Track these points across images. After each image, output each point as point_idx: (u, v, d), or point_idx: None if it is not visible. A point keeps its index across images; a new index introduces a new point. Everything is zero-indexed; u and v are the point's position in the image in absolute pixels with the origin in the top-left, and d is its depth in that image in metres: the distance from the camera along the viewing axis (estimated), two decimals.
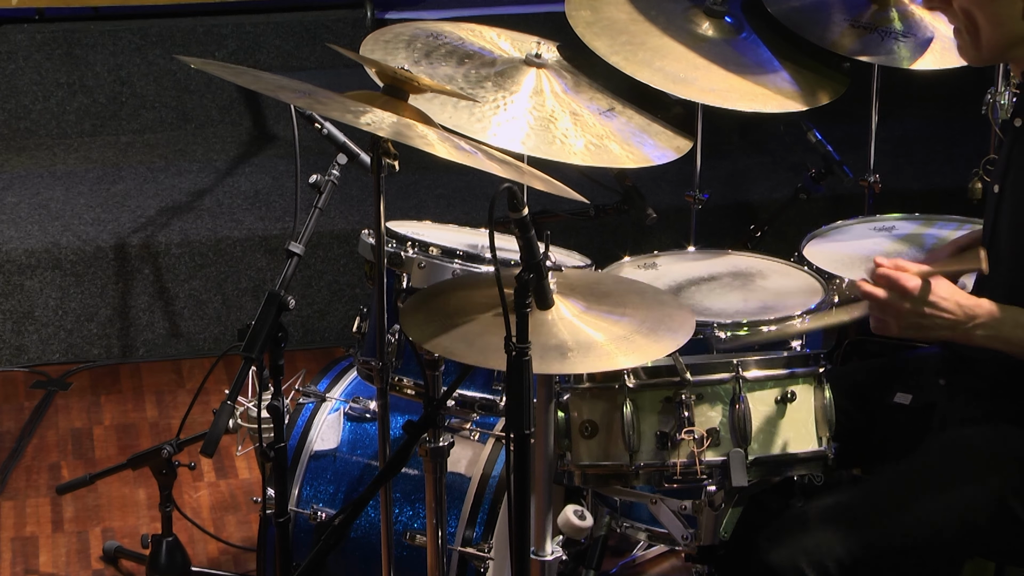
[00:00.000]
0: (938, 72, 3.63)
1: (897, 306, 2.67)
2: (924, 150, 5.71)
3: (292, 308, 2.86)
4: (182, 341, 5.12)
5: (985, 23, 2.74)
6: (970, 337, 2.68)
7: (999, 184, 2.83)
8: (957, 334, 2.68)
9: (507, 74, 3.24)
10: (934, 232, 3.65)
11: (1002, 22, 2.72)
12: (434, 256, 3.17)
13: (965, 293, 2.69)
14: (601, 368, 2.70)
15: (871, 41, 3.64)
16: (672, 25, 3.52)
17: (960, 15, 2.77)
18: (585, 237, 4.90)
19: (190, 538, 3.96)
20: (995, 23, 2.73)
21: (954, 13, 2.78)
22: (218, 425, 2.78)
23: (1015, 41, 2.74)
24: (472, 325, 2.70)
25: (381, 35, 3.32)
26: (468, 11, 5.88)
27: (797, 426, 2.79)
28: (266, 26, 5.94)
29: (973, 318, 2.67)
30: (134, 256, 5.03)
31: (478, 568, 3.25)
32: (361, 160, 3.12)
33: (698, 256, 3.58)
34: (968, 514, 2.74)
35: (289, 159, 5.61)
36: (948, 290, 2.67)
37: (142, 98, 5.83)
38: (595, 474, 2.81)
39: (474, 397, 3.19)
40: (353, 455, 3.44)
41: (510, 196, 2.49)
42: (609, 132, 3.19)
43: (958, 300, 2.67)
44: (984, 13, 2.73)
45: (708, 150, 3.87)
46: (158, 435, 4.57)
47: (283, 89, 2.73)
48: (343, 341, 5.07)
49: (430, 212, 5.00)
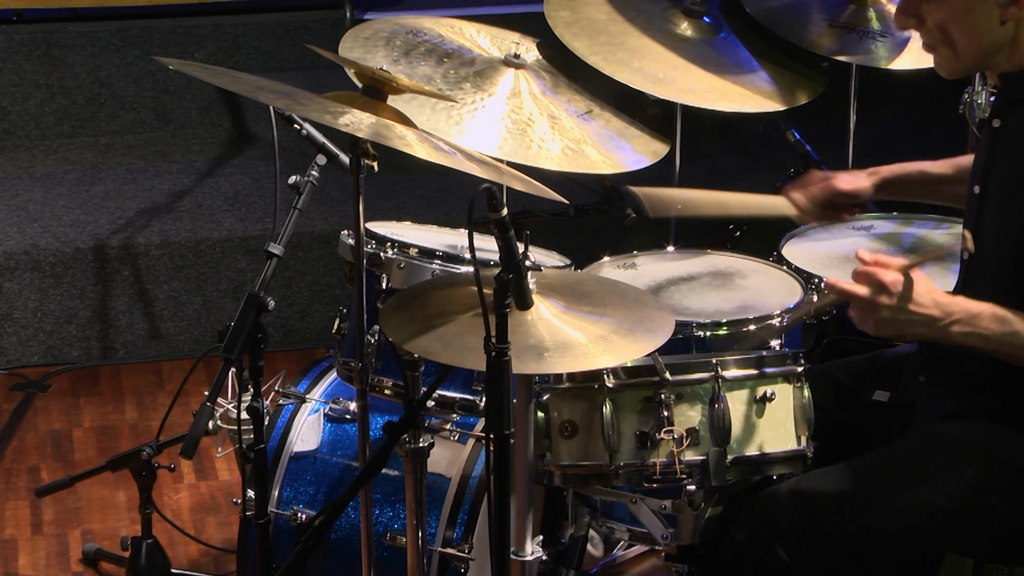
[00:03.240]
0: (915, 71, 3.65)
1: (875, 302, 2.68)
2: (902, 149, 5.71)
3: (272, 309, 2.85)
4: (162, 342, 5.11)
5: (962, 36, 2.74)
6: (947, 334, 2.69)
7: (979, 185, 2.84)
8: (934, 331, 2.69)
9: (486, 75, 3.24)
10: (912, 231, 3.66)
11: (980, 33, 2.73)
12: (414, 257, 3.17)
13: (942, 291, 2.70)
14: (577, 368, 2.70)
15: (849, 41, 3.65)
16: (651, 25, 3.53)
17: (935, 31, 2.77)
18: (565, 237, 4.89)
19: (170, 540, 3.95)
20: (972, 35, 2.73)
21: (928, 31, 2.78)
22: (198, 427, 2.77)
23: (993, 49, 2.75)
24: (452, 326, 2.70)
25: (360, 32, 3.32)
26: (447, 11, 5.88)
27: (776, 425, 2.80)
28: (245, 27, 5.93)
29: (950, 315, 2.67)
30: (114, 258, 5.02)
31: (458, 569, 3.25)
32: (340, 161, 3.12)
33: (677, 256, 3.58)
34: (944, 504, 2.75)
35: (269, 160, 5.60)
36: (926, 286, 2.67)
37: (121, 99, 5.82)
38: (575, 474, 2.81)
39: (454, 398, 3.19)
40: (333, 456, 3.44)
41: (489, 197, 2.49)
42: (586, 136, 3.19)
43: (935, 297, 2.68)
44: (961, 26, 2.73)
45: (687, 150, 3.88)
46: (138, 437, 4.56)
47: (262, 90, 2.73)
48: (323, 342, 5.07)
49: (410, 213, 5.01)
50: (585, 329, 2.70)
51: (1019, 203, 2.71)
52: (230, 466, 4.38)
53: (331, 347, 3.38)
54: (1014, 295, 2.70)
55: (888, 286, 2.66)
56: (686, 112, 3.60)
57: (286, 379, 3.66)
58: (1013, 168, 2.76)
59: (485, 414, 2.87)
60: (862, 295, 2.69)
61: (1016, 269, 2.75)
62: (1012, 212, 2.73)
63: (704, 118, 3.55)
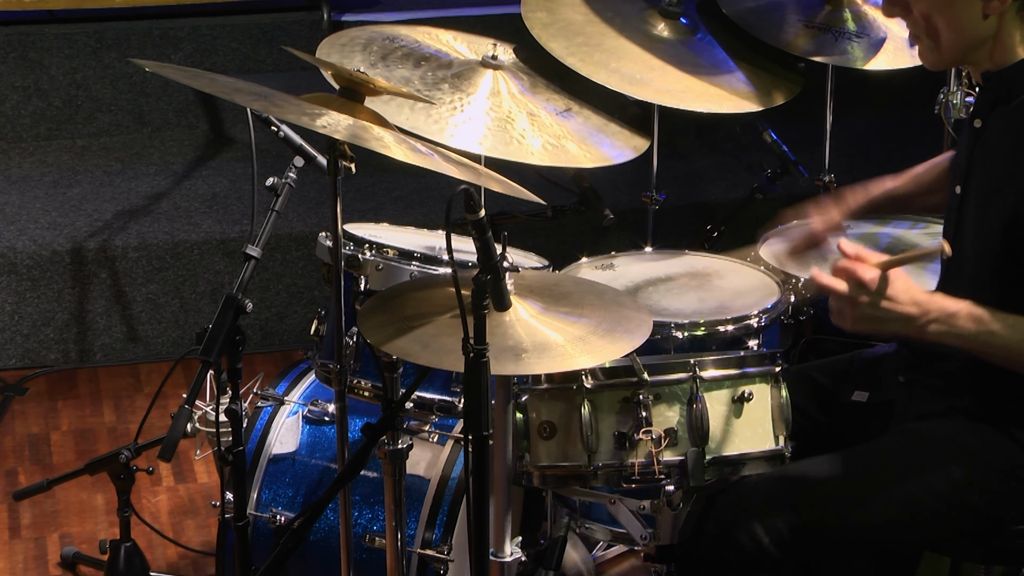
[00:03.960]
0: (891, 72, 3.66)
1: (853, 298, 2.68)
2: (878, 149, 5.75)
3: (249, 311, 2.85)
4: (140, 345, 5.10)
5: (945, 27, 2.75)
6: (923, 332, 2.69)
7: (960, 185, 2.85)
8: (911, 329, 2.70)
9: (464, 76, 3.24)
10: (889, 231, 3.67)
11: (962, 25, 2.74)
12: (391, 258, 3.17)
13: (920, 288, 2.70)
14: (556, 369, 2.70)
15: (825, 41, 3.66)
16: (628, 26, 3.53)
17: (920, 21, 2.78)
18: (543, 238, 4.91)
19: (149, 543, 3.95)
20: (955, 27, 2.75)
21: (914, 20, 2.79)
22: (176, 429, 2.77)
23: (975, 44, 2.76)
24: (430, 327, 2.70)
25: (337, 39, 3.31)
26: (424, 13, 5.89)
27: (754, 425, 2.81)
28: (222, 29, 5.92)
29: (927, 313, 2.68)
30: (91, 260, 5.01)
31: (438, 570, 3.25)
32: (318, 163, 3.12)
33: (655, 256, 3.59)
34: (927, 500, 2.76)
35: (246, 162, 5.60)
36: (904, 284, 2.68)
37: (98, 101, 5.81)
38: (554, 475, 2.82)
39: (432, 399, 3.19)
40: (312, 458, 3.44)
41: (467, 198, 2.50)
42: (566, 132, 3.19)
43: (913, 295, 2.68)
44: (944, 17, 2.74)
45: (665, 151, 3.88)
46: (116, 440, 4.55)
47: (239, 92, 2.72)
48: (301, 344, 5.06)
49: (388, 214, 5.00)
50: (563, 330, 2.71)
51: (999, 203, 2.72)
52: (208, 469, 4.37)
53: (309, 349, 3.38)
54: (992, 295, 2.71)
55: (866, 283, 2.67)
56: (663, 113, 3.60)
57: (264, 381, 3.65)
58: (993, 168, 2.77)
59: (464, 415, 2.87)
60: (840, 290, 2.69)
61: (995, 269, 2.76)
62: (992, 212, 2.74)
63: (681, 119, 3.55)
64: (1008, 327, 2.65)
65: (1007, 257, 2.72)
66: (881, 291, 2.66)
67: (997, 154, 2.77)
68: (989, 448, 2.78)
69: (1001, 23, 2.72)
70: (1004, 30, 2.73)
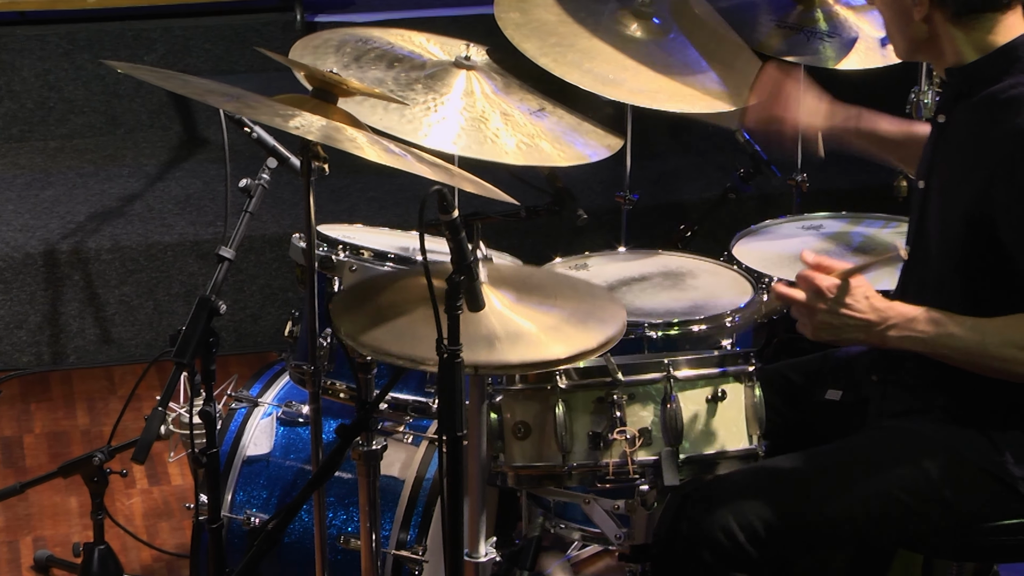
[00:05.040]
0: (863, 71, 3.68)
1: (812, 306, 2.70)
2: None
3: (223, 313, 2.85)
4: (113, 347, 5.08)
5: (888, 23, 2.83)
6: (884, 339, 2.71)
7: (924, 181, 2.87)
8: (871, 336, 2.71)
9: (437, 76, 3.24)
10: (861, 230, 3.69)
11: (897, 24, 2.79)
12: (366, 259, 3.17)
13: (879, 296, 2.72)
14: (528, 357, 2.70)
15: (797, 41, 3.68)
16: (601, 27, 3.54)
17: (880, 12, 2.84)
18: (516, 239, 4.91)
19: (123, 546, 3.94)
20: (895, 24, 2.80)
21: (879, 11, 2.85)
22: (150, 431, 2.76)
23: (914, 43, 2.80)
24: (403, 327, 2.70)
25: (310, 41, 3.31)
26: (397, 13, 5.88)
27: (728, 424, 2.81)
28: (195, 30, 5.91)
29: (886, 320, 2.70)
30: (64, 262, 5.00)
31: (412, 571, 3.25)
32: (291, 164, 3.11)
33: (629, 256, 3.60)
34: (901, 496, 2.77)
35: (219, 163, 5.59)
36: (862, 291, 2.70)
37: (71, 103, 5.79)
38: (528, 475, 2.82)
39: (407, 400, 3.19)
40: (286, 460, 3.43)
41: (440, 199, 2.50)
42: (540, 131, 3.20)
43: (872, 302, 2.70)
44: (888, 13, 2.82)
45: (638, 151, 3.89)
46: (90, 442, 4.54)
47: (212, 93, 2.72)
48: (276, 345, 5.05)
49: (362, 215, 5.00)
50: (536, 319, 2.71)
51: (962, 198, 2.74)
52: (183, 471, 4.36)
53: (283, 350, 3.37)
54: (956, 288, 2.72)
55: (824, 291, 2.69)
56: (636, 113, 3.61)
57: (238, 383, 3.65)
58: (955, 164, 2.79)
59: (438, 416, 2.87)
60: (800, 300, 2.71)
61: (959, 263, 2.77)
62: (955, 207, 2.76)
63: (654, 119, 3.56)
64: (967, 329, 2.67)
65: (970, 251, 2.74)
66: (839, 299, 2.68)
67: (959, 149, 2.79)
68: (963, 446, 2.79)
69: (935, 28, 2.74)
70: (942, 34, 2.75)
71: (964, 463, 2.79)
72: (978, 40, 2.74)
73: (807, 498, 2.78)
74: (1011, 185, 2.65)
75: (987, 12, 2.72)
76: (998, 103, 2.71)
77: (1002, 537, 2.80)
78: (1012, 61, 2.73)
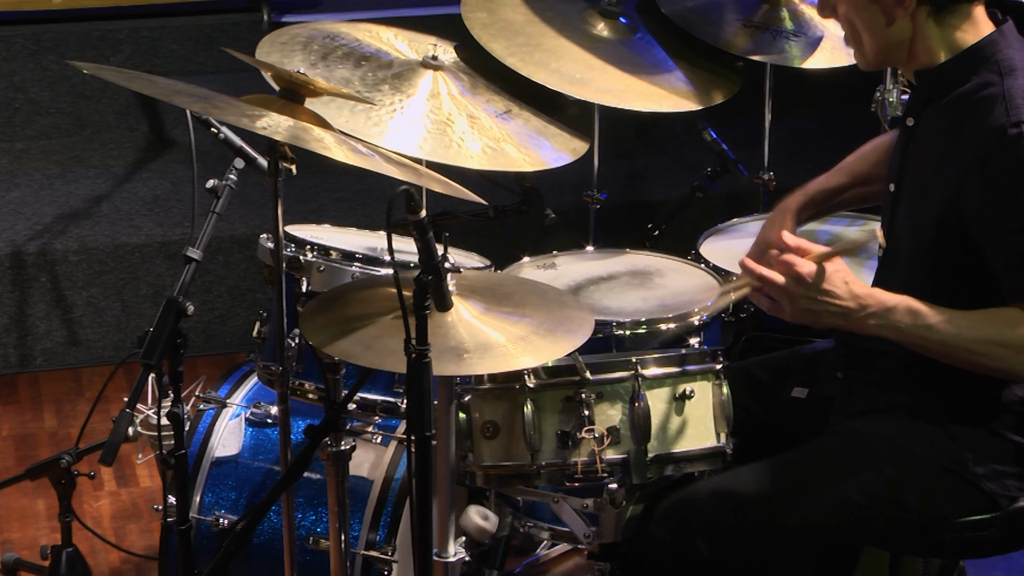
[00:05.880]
0: (829, 70, 3.69)
1: (791, 291, 2.70)
2: (817, 147, 5.78)
3: (191, 314, 2.84)
4: (81, 349, 5.06)
5: (863, 30, 2.80)
6: (862, 325, 2.72)
7: (894, 183, 2.88)
8: (849, 322, 2.72)
9: (404, 76, 3.24)
10: (827, 228, 3.70)
11: (875, 29, 2.78)
12: (333, 259, 3.16)
13: (860, 282, 2.73)
14: (498, 369, 2.71)
15: (763, 40, 3.69)
16: (568, 26, 3.54)
17: (845, 23, 2.82)
18: (485, 238, 4.90)
19: (91, 548, 3.92)
20: (871, 30, 2.79)
21: (842, 22, 2.84)
22: (117, 433, 2.76)
23: (893, 46, 2.79)
24: (372, 328, 2.70)
25: (277, 37, 3.30)
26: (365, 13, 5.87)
27: (696, 422, 2.82)
28: (162, 30, 5.88)
29: (865, 307, 2.70)
30: (31, 264, 4.97)
31: (382, 571, 3.25)
32: (259, 164, 3.10)
33: (597, 256, 3.60)
34: (862, 500, 2.78)
35: (187, 164, 5.57)
36: (842, 277, 2.70)
37: (37, 104, 5.76)
38: (497, 474, 2.82)
39: (375, 400, 3.19)
40: (255, 461, 3.43)
41: (408, 199, 2.50)
42: (506, 135, 3.20)
43: (851, 288, 2.70)
44: (861, 20, 2.79)
45: (606, 150, 3.90)
46: (57, 445, 4.52)
47: (178, 94, 2.71)
48: (244, 346, 5.04)
49: (329, 215, 4.99)
50: (505, 330, 2.71)
51: (931, 200, 2.75)
52: (151, 472, 4.35)
53: (252, 351, 3.37)
54: (927, 290, 2.73)
55: (804, 276, 2.69)
56: (604, 112, 3.62)
57: (207, 384, 3.64)
58: (925, 166, 2.80)
59: (406, 416, 2.87)
60: (779, 283, 2.71)
61: (930, 265, 2.78)
62: (925, 209, 2.77)
63: (622, 118, 3.56)
64: (944, 321, 2.67)
65: (941, 253, 2.75)
66: (818, 284, 2.69)
67: (929, 152, 2.80)
68: (926, 445, 2.80)
69: (916, 26, 2.75)
70: (921, 33, 2.76)
71: (926, 464, 2.80)
72: (951, 39, 2.75)
73: (772, 506, 2.79)
74: (982, 185, 2.66)
75: (963, 2, 2.73)
76: (967, 104, 2.73)
77: (966, 534, 2.81)
78: (980, 61, 2.74)
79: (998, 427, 2.80)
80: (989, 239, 2.68)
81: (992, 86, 2.70)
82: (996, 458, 2.79)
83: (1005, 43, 2.75)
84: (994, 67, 2.72)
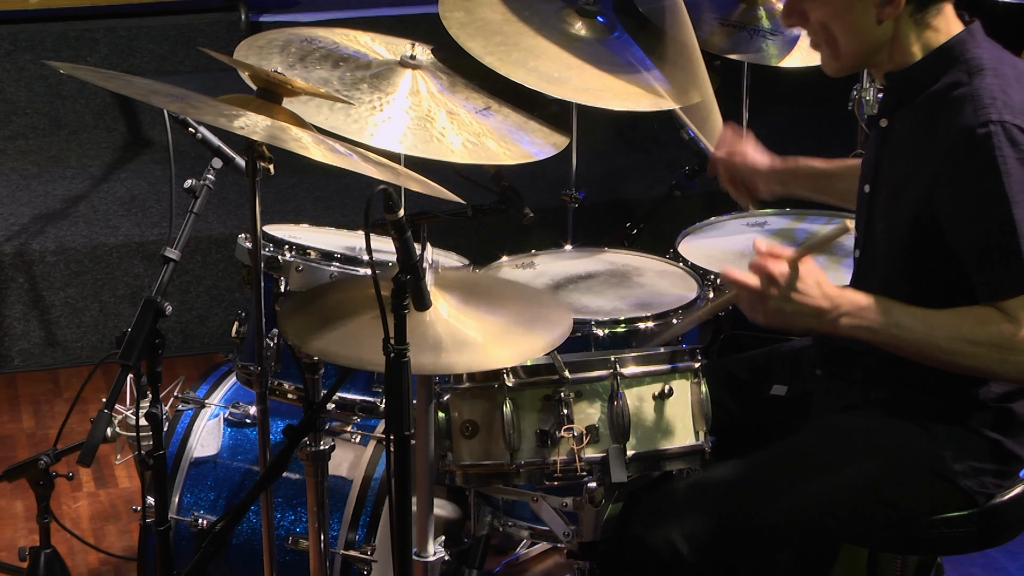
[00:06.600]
0: (805, 69, 3.70)
1: (764, 292, 2.71)
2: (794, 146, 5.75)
3: (169, 314, 2.83)
4: (59, 350, 5.05)
5: (842, 34, 2.79)
6: (835, 326, 2.72)
7: (869, 184, 2.88)
8: (823, 323, 2.72)
9: (383, 76, 3.24)
10: (805, 227, 3.71)
11: (859, 31, 2.78)
12: (312, 259, 3.16)
13: (832, 283, 2.73)
14: (475, 366, 2.71)
15: (740, 39, 3.70)
16: (545, 25, 3.54)
17: (818, 29, 2.82)
18: (463, 238, 4.91)
19: (69, 549, 3.91)
20: (852, 33, 2.78)
21: (813, 28, 2.83)
22: (95, 434, 2.75)
23: (873, 48, 2.80)
24: (350, 327, 2.70)
25: (255, 41, 3.30)
26: (342, 13, 5.87)
27: (675, 421, 2.83)
28: (139, 30, 5.88)
29: (837, 306, 2.71)
30: (8, 264, 4.96)
31: (361, 571, 3.25)
32: (236, 164, 3.10)
33: (575, 255, 3.60)
34: (840, 497, 2.79)
35: (164, 164, 5.56)
36: (815, 279, 2.71)
37: (13, 104, 5.74)
38: (476, 474, 2.82)
39: (354, 400, 3.19)
40: (234, 461, 3.42)
41: (386, 198, 2.50)
42: (486, 130, 3.20)
43: (824, 289, 2.71)
44: (841, 24, 2.78)
45: (584, 149, 3.90)
46: (36, 446, 4.51)
47: (155, 94, 2.71)
48: (223, 346, 5.04)
49: (308, 215, 4.99)
50: (483, 327, 2.71)
51: (906, 201, 2.76)
52: (130, 473, 4.34)
53: (230, 351, 3.36)
54: (903, 291, 2.74)
55: (776, 277, 2.69)
56: (582, 111, 3.62)
57: (185, 384, 3.63)
58: (899, 167, 2.81)
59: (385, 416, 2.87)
60: (752, 286, 2.72)
61: (905, 266, 2.79)
62: (899, 210, 2.78)
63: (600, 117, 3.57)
64: (917, 320, 2.68)
65: (916, 253, 2.76)
66: (791, 285, 2.69)
67: (902, 153, 2.81)
68: (904, 442, 2.81)
69: (897, 27, 2.76)
70: (900, 33, 2.76)
71: (904, 461, 2.81)
72: (925, 38, 2.76)
73: (750, 504, 2.80)
74: (955, 185, 2.67)
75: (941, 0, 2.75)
76: (937, 104, 2.73)
77: (944, 530, 2.82)
78: (950, 61, 2.75)
79: (975, 424, 2.81)
80: (961, 239, 2.69)
81: (961, 86, 2.71)
82: (973, 455, 2.80)
83: (974, 42, 2.76)
84: (963, 67, 2.73)
